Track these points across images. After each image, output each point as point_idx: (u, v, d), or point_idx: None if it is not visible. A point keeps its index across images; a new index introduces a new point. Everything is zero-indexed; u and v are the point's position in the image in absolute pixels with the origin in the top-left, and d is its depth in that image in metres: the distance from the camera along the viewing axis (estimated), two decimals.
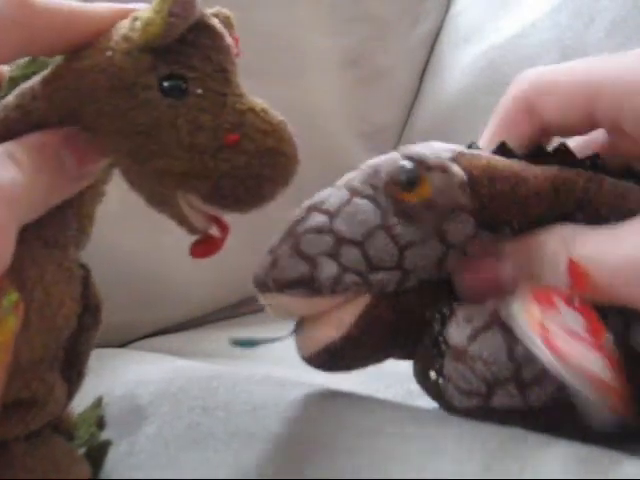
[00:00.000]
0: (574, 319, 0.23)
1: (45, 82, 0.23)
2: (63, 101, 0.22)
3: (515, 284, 0.24)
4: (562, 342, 0.22)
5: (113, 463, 0.26)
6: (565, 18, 0.60)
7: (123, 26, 0.23)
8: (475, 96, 0.65)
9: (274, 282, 0.25)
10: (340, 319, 0.25)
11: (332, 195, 0.26)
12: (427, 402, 0.29)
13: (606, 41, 0.55)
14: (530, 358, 0.23)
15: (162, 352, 0.43)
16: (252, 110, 0.23)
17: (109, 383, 0.32)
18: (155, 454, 0.25)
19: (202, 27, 0.23)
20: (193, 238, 0.25)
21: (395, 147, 0.28)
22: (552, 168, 0.26)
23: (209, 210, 0.23)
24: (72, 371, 0.24)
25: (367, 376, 0.28)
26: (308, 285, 0.24)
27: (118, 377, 0.33)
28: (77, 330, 0.24)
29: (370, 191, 0.25)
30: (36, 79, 0.23)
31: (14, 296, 0.20)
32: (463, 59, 0.68)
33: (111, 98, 0.22)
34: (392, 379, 0.32)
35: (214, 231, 0.24)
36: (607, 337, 0.23)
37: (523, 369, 0.23)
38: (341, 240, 0.24)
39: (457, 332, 0.24)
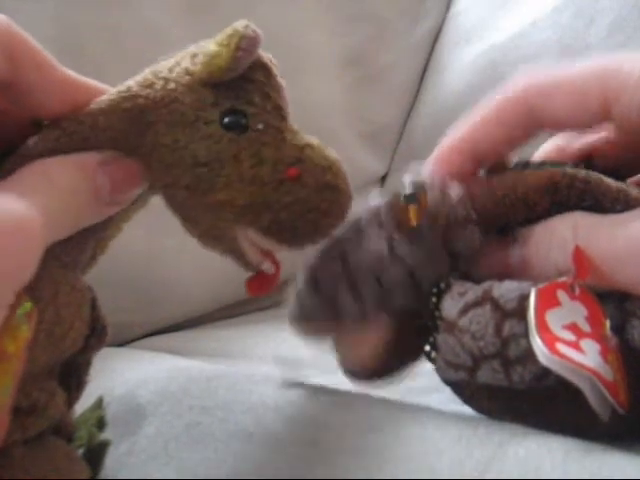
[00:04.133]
0: (575, 310, 0.23)
1: (99, 111, 0.22)
2: (117, 131, 0.22)
3: (526, 269, 0.25)
4: (562, 343, 0.22)
5: (113, 463, 0.26)
6: (566, 18, 0.60)
7: (179, 62, 0.23)
8: (475, 95, 0.64)
9: (302, 313, 0.27)
10: (368, 341, 0.27)
11: (347, 230, 0.27)
12: (427, 400, 0.29)
13: (607, 41, 0.55)
14: (516, 337, 0.23)
15: (162, 351, 0.43)
16: (310, 146, 0.24)
17: (109, 382, 0.32)
18: (155, 454, 0.25)
19: (258, 65, 0.23)
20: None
21: (395, 146, 0.29)
22: (549, 168, 0.27)
23: (266, 245, 0.24)
24: (71, 380, 0.24)
25: None
26: (333, 318, 0.26)
27: (118, 376, 0.33)
28: (81, 348, 0.24)
29: (376, 229, 0.27)
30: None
31: (27, 306, 0.20)
32: (463, 58, 0.68)
33: (172, 131, 0.22)
34: None
35: (267, 267, 0.25)
36: (607, 324, 0.23)
37: (508, 347, 0.23)
38: (353, 271, 0.26)
39: (450, 305, 0.25)
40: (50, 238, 0.21)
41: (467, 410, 0.27)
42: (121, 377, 0.32)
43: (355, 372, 0.27)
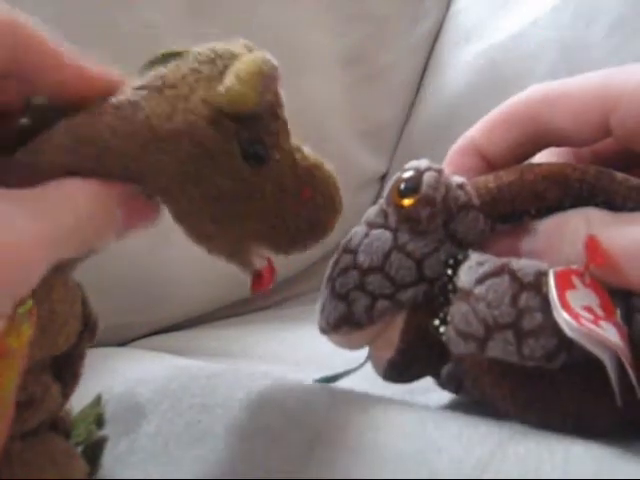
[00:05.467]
0: (589, 296, 0.23)
1: (112, 131, 0.22)
2: (130, 157, 0.22)
3: (536, 259, 0.25)
4: (585, 320, 0.22)
5: (113, 461, 0.26)
6: (566, 17, 0.60)
7: (193, 87, 0.22)
8: (475, 95, 0.65)
9: (327, 325, 0.27)
10: (389, 338, 0.27)
11: (356, 233, 0.27)
12: (426, 400, 0.29)
13: (606, 40, 0.55)
14: (531, 310, 0.23)
15: (162, 351, 0.43)
16: (316, 166, 0.25)
17: (109, 381, 0.32)
18: (155, 452, 0.25)
19: None
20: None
21: (395, 145, 0.29)
22: (561, 162, 0.27)
23: (270, 254, 0.25)
24: (65, 372, 0.24)
25: (366, 374, 0.28)
26: (349, 321, 0.26)
27: (118, 375, 0.33)
28: (74, 343, 0.24)
29: (382, 219, 0.27)
30: (103, 127, 0.22)
31: (29, 304, 0.20)
32: (463, 58, 0.68)
33: (194, 163, 0.22)
34: None
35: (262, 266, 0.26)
36: (617, 312, 0.24)
37: (523, 318, 0.23)
38: (364, 271, 0.26)
39: (467, 274, 0.25)
40: (58, 258, 0.21)
41: (467, 409, 0.27)
42: (121, 376, 0.32)
43: (384, 369, 0.27)
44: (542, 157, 0.30)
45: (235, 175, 0.23)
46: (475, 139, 0.29)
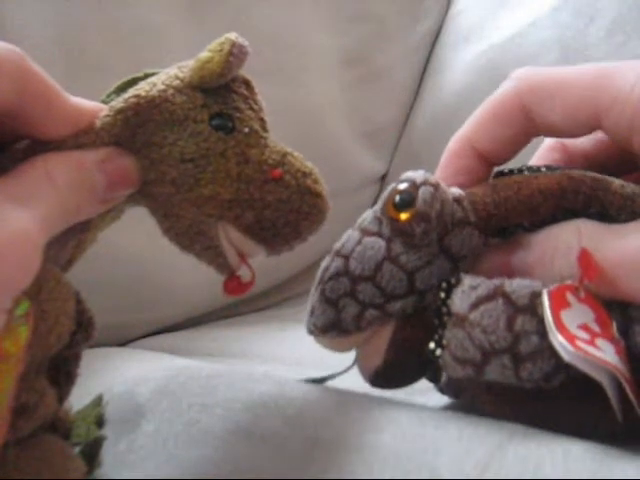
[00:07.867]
0: (584, 312, 0.23)
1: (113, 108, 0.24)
2: (112, 134, 0.23)
3: (529, 275, 0.25)
4: (580, 341, 0.22)
5: (112, 461, 0.26)
6: (565, 17, 0.60)
7: (168, 72, 0.25)
8: (475, 95, 0.64)
9: (315, 328, 0.27)
10: (377, 347, 0.27)
11: (349, 238, 0.27)
12: (426, 400, 0.29)
13: (606, 40, 0.55)
14: (527, 333, 0.23)
15: (161, 351, 0.43)
16: (291, 154, 0.25)
17: (108, 381, 0.32)
18: (154, 451, 0.25)
19: (242, 80, 0.25)
20: None
21: (395, 146, 0.29)
22: (558, 172, 0.27)
23: (245, 245, 0.25)
24: (60, 375, 0.24)
25: None
26: (337, 327, 0.26)
27: (117, 375, 0.33)
28: (67, 344, 0.23)
29: (376, 227, 0.27)
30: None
31: (25, 305, 0.20)
32: (463, 58, 0.68)
33: (161, 129, 0.24)
34: None
35: (243, 272, 0.26)
36: (614, 326, 0.23)
37: (520, 342, 0.23)
38: (356, 279, 0.26)
39: (461, 299, 0.25)
40: (47, 237, 0.21)
41: (466, 409, 0.27)
42: (121, 376, 0.32)
43: (370, 377, 0.27)
44: (540, 158, 0.30)
45: (199, 139, 0.24)
46: (470, 138, 0.29)
